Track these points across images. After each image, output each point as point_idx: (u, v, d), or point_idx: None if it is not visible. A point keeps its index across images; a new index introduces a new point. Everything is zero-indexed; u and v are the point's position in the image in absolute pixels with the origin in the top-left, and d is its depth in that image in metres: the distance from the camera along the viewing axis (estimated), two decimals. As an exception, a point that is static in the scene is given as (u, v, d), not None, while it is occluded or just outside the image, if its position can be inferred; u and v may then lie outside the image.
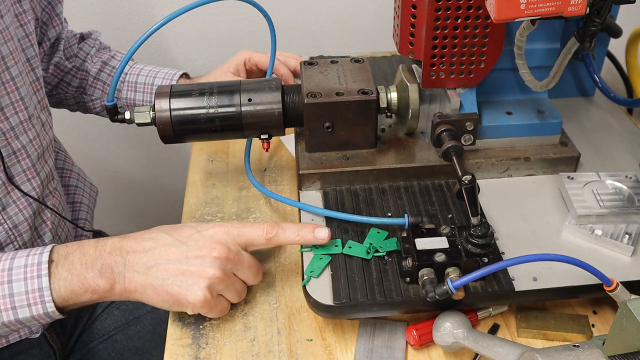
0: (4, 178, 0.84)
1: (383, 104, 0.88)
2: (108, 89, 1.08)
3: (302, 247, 0.79)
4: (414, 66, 0.90)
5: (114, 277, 0.71)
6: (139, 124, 0.86)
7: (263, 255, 0.86)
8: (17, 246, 0.87)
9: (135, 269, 0.71)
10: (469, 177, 0.68)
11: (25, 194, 0.86)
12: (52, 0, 1.02)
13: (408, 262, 0.72)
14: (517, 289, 0.73)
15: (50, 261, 0.71)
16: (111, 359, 1.05)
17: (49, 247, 0.72)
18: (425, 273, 0.71)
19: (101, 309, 1.08)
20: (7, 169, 0.84)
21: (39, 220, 0.91)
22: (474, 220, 0.73)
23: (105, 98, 1.03)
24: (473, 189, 0.69)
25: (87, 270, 0.71)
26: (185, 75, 1.10)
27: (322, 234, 0.76)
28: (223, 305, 0.75)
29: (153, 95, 1.06)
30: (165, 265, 0.71)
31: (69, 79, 1.09)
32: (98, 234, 1.14)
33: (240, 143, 0.99)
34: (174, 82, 1.08)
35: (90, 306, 1.07)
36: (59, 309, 0.71)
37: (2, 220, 0.85)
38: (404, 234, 0.77)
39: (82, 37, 1.11)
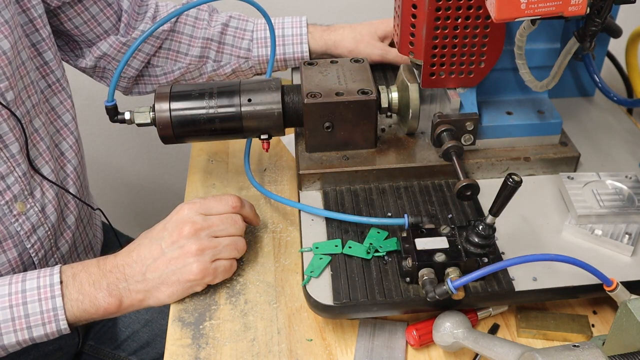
0: (27, 162, 0.87)
1: (384, 104, 0.88)
2: (237, 52, 1.09)
3: (302, 247, 0.79)
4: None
5: (120, 293, 0.77)
6: (139, 125, 0.86)
7: (263, 255, 0.86)
8: (47, 228, 0.90)
9: (135, 279, 0.77)
10: (517, 178, 0.68)
11: (44, 177, 0.89)
12: None
13: (408, 262, 0.72)
14: (517, 289, 0.73)
15: (60, 282, 0.76)
16: (122, 333, 1.08)
17: (57, 268, 0.77)
18: (425, 273, 0.71)
19: None
20: (29, 152, 0.87)
21: (62, 202, 0.94)
22: (490, 220, 0.72)
23: (237, 61, 1.08)
24: (514, 190, 0.69)
25: (96, 290, 0.77)
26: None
27: None
28: (226, 266, 0.80)
29: (288, 47, 1.09)
30: (153, 264, 0.77)
31: (176, 47, 1.07)
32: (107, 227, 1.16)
33: (240, 143, 0.99)
34: (303, 28, 1.09)
35: None
36: (70, 325, 0.77)
37: (32, 204, 0.87)
38: (404, 234, 0.76)
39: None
